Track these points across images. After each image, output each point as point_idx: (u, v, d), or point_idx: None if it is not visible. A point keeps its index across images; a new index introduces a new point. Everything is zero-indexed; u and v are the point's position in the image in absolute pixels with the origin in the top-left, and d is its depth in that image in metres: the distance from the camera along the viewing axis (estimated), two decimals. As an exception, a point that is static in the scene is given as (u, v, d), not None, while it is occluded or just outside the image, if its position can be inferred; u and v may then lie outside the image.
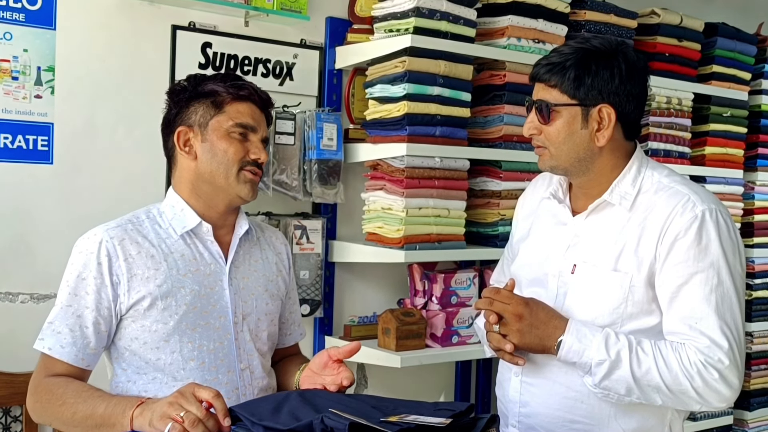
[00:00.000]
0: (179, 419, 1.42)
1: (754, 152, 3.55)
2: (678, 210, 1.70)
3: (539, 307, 1.72)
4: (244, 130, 1.82)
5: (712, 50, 3.34)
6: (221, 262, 1.84)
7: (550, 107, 1.73)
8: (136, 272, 1.73)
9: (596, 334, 1.67)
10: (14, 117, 2.27)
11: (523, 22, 2.77)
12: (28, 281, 2.31)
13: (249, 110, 1.84)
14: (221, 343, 1.79)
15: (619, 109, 1.73)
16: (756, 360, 3.57)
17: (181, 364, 1.74)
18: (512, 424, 1.85)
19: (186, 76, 1.90)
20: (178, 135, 1.83)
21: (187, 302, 1.76)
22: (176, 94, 1.86)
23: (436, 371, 3.10)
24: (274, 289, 1.94)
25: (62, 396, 1.65)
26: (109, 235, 1.75)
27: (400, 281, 2.96)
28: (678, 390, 1.64)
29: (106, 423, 1.57)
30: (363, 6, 2.73)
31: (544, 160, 1.79)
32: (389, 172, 2.60)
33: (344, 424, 1.30)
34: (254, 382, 1.84)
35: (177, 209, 1.83)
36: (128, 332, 1.75)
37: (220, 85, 1.82)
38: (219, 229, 1.86)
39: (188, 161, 1.83)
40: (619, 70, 1.72)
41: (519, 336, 1.70)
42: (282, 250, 2.02)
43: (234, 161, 1.80)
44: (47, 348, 1.70)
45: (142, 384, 1.75)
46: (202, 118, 1.81)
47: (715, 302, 1.66)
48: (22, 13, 2.26)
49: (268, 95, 1.91)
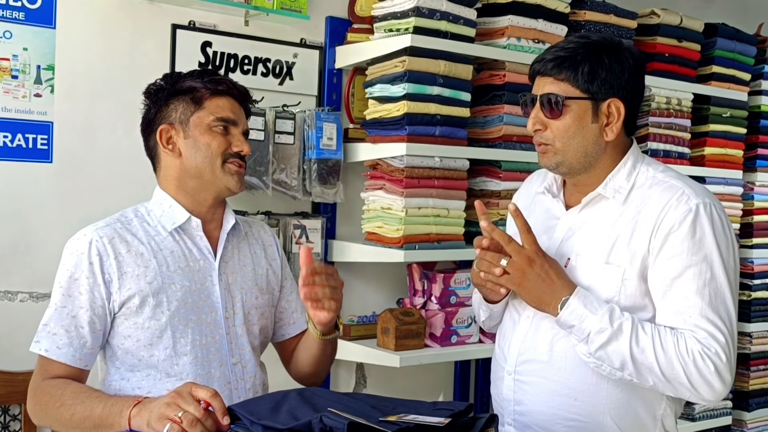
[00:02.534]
0: (177, 420, 1.42)
1: (753, 153, 3.55)
2: (672, 203, 1.69)
3: (553, 263, 1.70)
4: (225, 124, 1.83)
5: (712, 51, 3.34)
6: (210, 257, 1.85)
7: (561, 101, 1.72)
8: (126, 270, 1.75)
9: (602, 304, 1.66)
10: (14, 116, 2.27)
11: (523, 22, 2.77)
12: (28, 280, 2.31)
13: (228, 104, 1.85)
14: (213, 337, 1.81)
15: (627, 103, 1.73)
16: (755, 360, 3.57)
17: (174, 359, 1.76)
18: (508, 422, 1.84)
19: (162, 75, 1.91)
20: (160, 133, 1.84)
21: (178, 298, 1.77)
22: (154, 93, 1.87)
23: (435, 371, 3.10)
24: (264, 283, 1.95)
25: (60, 398, 1.65)
26: (98, 235, 1.76)
27: (399, 281, 2.96)
28: (671, 375, 1.64)
29: (104, 424, 1.57)
30: (363, 5, 2.73)
31: (548, 156, 1.76)
32: (389, 172, 2.61)
33: (343, 423, 1.30)
34: (246, 376, 1.85)
35: (165, 206, 1.84)
36: (121, 330, 1.76)
37: (198, 81, 1.84)
38: (207, 224, 1.87)
39: (172, 159, 1.84)
40: (629, 65, 1.72)
41: (521, 277, 1.66)
42: (271, 242, 2.02)
43: (218, 154, 1.81)
44: (44, 350, 1.71)
45: (136, 381, 1.76)
46: (182, 115, 1.83)
47: (708, 296, 1.65)
48: (22, 11, 2.26)
49: (245, 89, 1.92)
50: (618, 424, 1.74)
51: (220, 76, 1.88)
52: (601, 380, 1.72)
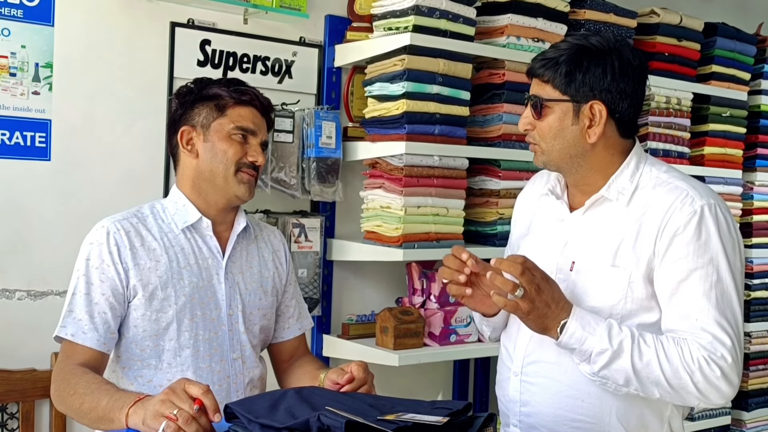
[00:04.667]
0: (173, 417, 1.42)
1: (753, 152, 3.55)
2: (677, 205, 1.69)
3: (555, 287, 1.68)
4: (244, 133, 1.92)
5: (712, 50, 3.34)
6: (219, 256, 1.93)
7: (542, 102, 1.74)
8: (140, 262, 1.83)
9: (600, 323, 1.65)
10: (12, 113, 2.26)
11: (523, 20, 2.77)
12: (25, 278, 2.31)
13: (250, 114, 1.94)
14: (216, 333, 1.89)
15: (611, 106, 1.72)
16: (754, 360, 3.57)
17: (178, 351, 1.84)
18: (513, 423, 1.84)
19: (193, 79, 2.00)
20: (181, 134, 1.93)
21: (186, 293, 1.85)
22: (183, 95, 1.97)
23: (433, 370, 3.10)
24: (269, 286, 2.02)
25: (75, 386, 1.69)
26: (115, 227, 1.84)
27: (398, 280, 2.96)
28: (678, 385, 1.63)
29: (106, 417, 1.59)
30: (362, 4, 2.73)
31: (537, 156, 1.80)
32: (388, 171, 2.60)
33: (341, 422, 1.30)
34: (245, 371, 1.93)
35: (179, 205, 1.93)
36: (129, 320, 1.83)
37: (224, 90, 1.93)
38: (218, 226, 1.95)
39: (190, 159, 1.93)
40: (612, 68, 1.71)
41: (529, 305, 1.62)
42: (279, 247, 2.10)
43: (232, 161, 1.90)
44: (70, 335, 1.77)
45: (137, 369, 1.84)
46: (205, 119, 1.92)
47: (715, 299, 1.65)
48: (20, 9, 2.26)
49: (269, 101, 2.02)
50: (624, 426, 1.74)
51: (246, 87, 1.97)
52: None
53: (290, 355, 2.09)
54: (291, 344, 2.10)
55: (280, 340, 2.09)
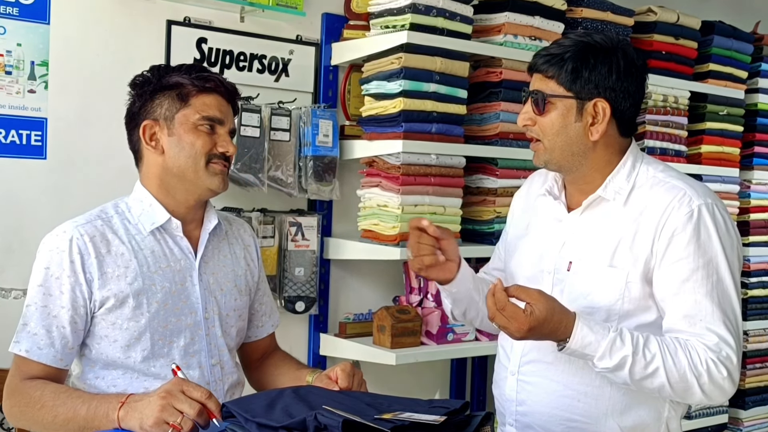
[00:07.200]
0: (178, 426, 1.41)
1: (750, 151, 3.55)
2: (674, 205, 1.68)
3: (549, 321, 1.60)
4: (211, 123, 1.77)
5: (709, 48, 3.34)
6: (191, 257, 1.81)
7: (546, 98, 1.73)
8: (107, 270, 1.70)
9: (601, 341, 1.60)
10: (7, 112, 2.25)
11: (520, 19, 2.76)
12: (21, 277, 2.29)
13: (216, 102, 1.79)
14: (192, 338, 1.77)
15: (614, 104, 1.72)
16: (751, 359, 3.58)
17: (152, 361, 1.72)
18: (509, 422, 1.84)
19: (150, 67, 1.84)
20: (143, 129, 1.78)
21: (159, 300, 1.73)
22: (140, 86, 1.81)
23: (431, 369, 3.10)
24: (243, 284, 1.91)
25: (40, 399, 1.60)
26: (79, 233, 1.70)
27: (395, 278, 2.96)
28: (682, 388, 1.62)
29: (90, 426, 1.54)
30: (359, 2, 2.72)
31: (539, 154, 1.78)
32: (385, 169, 2.60)
33: (338, 421, 1.30)
34: (224, 377, 1.83)
35: (145, 204, 1.79)
36: (98, 330, 1.71)
37: (185, 77, 1.77)
38: (187, 224, 1.83)
39: (155, 156, 1.79)
40: (617, 66, 1.71)
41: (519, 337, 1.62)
42: (250, 242, 1.99)
43: (202, 154, 1.75)
44: (24, 351, 1.66)
45: (111, 379, 1.72)
46: (167, 111, 1.77)
47: (717, 299, 1.64)
48: (16, 7, 2.25)
49: (234, 86, 1.86)
50: (620, 426, 1.73)
51: (209, 73, 1.82)
52: (604, 382, 1.71)
53: (262, 353, 2.01)
54: (264, 342, 2.01)
55: (253, 339, 1.99)
